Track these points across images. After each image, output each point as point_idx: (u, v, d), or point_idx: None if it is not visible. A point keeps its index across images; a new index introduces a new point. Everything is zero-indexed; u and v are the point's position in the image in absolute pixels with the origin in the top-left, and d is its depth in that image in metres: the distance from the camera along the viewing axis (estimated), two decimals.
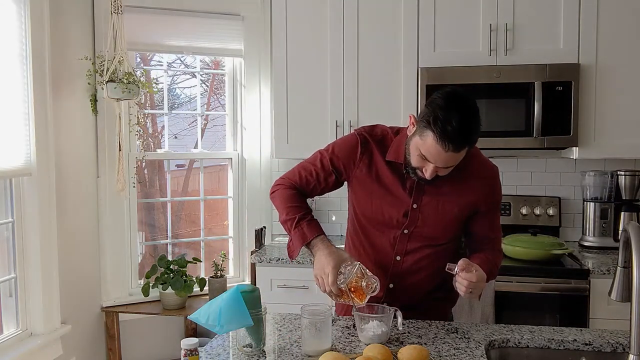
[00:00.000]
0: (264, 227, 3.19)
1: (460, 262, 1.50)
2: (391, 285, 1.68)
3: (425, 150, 1.47)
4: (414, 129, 1.52)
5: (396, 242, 1.66)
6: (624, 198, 2.87)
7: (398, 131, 1.67)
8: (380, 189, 1.65)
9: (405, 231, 1.65)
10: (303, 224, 1.61)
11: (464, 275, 1.47)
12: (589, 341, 1.51)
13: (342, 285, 1.51)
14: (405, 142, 1.58)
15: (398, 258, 1.67)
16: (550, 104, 2.66)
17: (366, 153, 1.65)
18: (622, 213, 2.84)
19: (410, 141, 1.53)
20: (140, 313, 3.07)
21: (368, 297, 1.52)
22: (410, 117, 1.56)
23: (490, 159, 1.75)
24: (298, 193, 1.70)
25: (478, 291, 1.52)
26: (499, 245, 1.76)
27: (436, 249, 1.67)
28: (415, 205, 1.63)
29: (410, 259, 1.66)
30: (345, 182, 1.74)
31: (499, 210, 1.75)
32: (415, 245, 1.65)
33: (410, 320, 1.67)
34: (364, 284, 1.51)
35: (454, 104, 1.43)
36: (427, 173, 1.51)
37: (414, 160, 1.53)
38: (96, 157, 3.01)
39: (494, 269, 1.66)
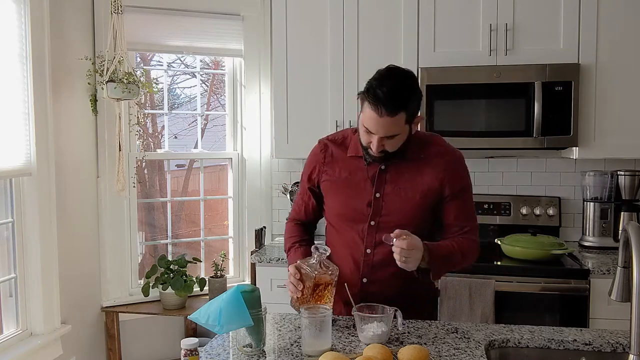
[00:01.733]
0: (264, 227, 3.19)
1: (396, 230, 1.51)
2: (364, 280, 1.70)
3: (366, 122, 1.55)
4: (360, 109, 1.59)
5: (365, 235, 1.68)
6: (624, 198, 2.87)
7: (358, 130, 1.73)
8: (345, 184, 1.72)
9: (372, 222, 1.67)
10: (291, 252, 1.80)
11: (396, 243, 1.49)
12: (589, 341, 1.51)
13: (306, 270, 1.55)
14: (358, 129, 1.65)
15: (368, 251, 1.68)
16: (550, 104, 2.66)
17: (327, 156, 1.75)
18: (622, 213, 2.84)
19: (359, 123, 1.60)
20: (140, 313, 3.07)
21: (334, 280, 1.57)
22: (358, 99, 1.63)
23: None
24: (296, 225, 1.88)
25: (413, 260, 1.50)
26: (471, 235, 1.70)
27: None
28: (378, 195, 1.67)
29: (380, 251, 1.66)
30: None
31: (468, 197, 1.72)
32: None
33: (410, 321, 1.67)
34: (315, 259, 1.55)
35: (386, 74, 1.54)
36: (374, 147, 1.57)
37: (363, 139, 1.61)
38: (96, 157, 3.01)
39: (455, 253, 1.63)
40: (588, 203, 2.91)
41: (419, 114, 1.61)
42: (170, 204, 3.42)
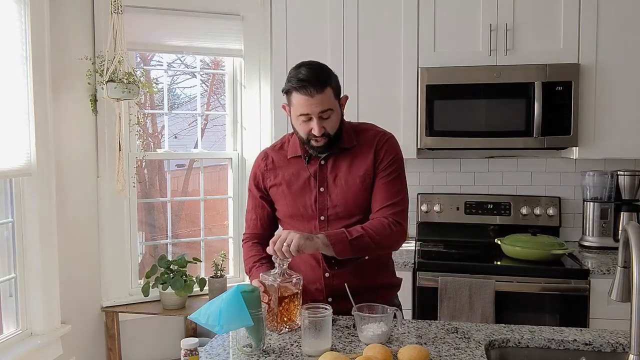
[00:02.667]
0: None
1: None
2: (327, 274, 1.72)
3: (300, 109, 1.62)
4: (289, 110, 1.68)
5: (318, 231, 1.71)
6: (624, 198, 2.87)
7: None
8: (290, 185, 1.76)
9: (322, 217, 1.71)
10: (253, 271, 1.77)
11: (269, 250, 1.54)
12: (589, 341, 1.51)
13: (269, 281, 1.55)
14: (294, 129, 1.72)
15: None
16: (550, 104, 2.66)
17: (268, 164, 1.82)
18: (622, 213, 2.84)
19: (293, 121, 1.69)
20: (140, 313, 3.07)
21: (299, 290, 1.57)
22: (283, 107, 1.73)
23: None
24: (253, 244, 1.85)
25: (294, 240, 1.49)
26: (386, 213, 1.66)
27: None
28: (322, 189, 1.72)
29: None
30: None
31: (392, 175, 1.69)
32: (336, 229, 1.66)
33: (410, 320, 1.67)
34: (277, 269, 1.55)
35: (297, 66, 1.65)
36: (315, 130, 1.62)
37: (302, 131, 1.66)
38: (96, 157, 3.01)
39: (355, 230, 1.60)
40: (588, 203, 2.91)
41: (342, 94, 1.71)
42: (170, 204, 3.42)
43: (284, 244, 1.50)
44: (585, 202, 2.93)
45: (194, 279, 3.13)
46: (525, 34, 2.73)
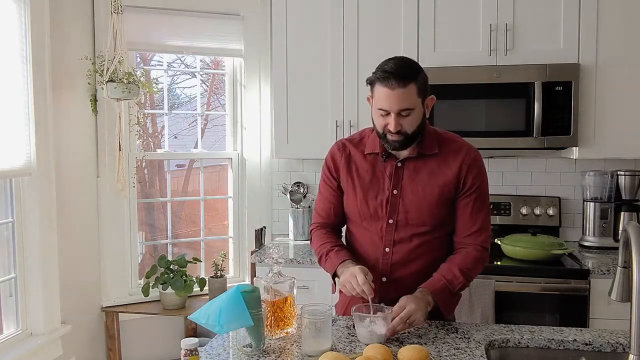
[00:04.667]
0: (264, 227, 3.19)
1: (395, 307, 1.51)
2: (384, 279, 1.68)
3: (379, 103, 1.56)
4: (372, 102, 1.63)
5: (383, 234, 1.67)
6: (624, 198, 2.87)
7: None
8: (362, 182, 1.70)
9: (390, 221, 1.66)
10: (330, 255, 1.70)
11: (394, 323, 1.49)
12: (589, 341, 1.51)
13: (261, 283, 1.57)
14: (372, 122, 1.66)
15: (387, 250, 1.67)
16: (550, 104, 2.66)
17: (344, 156, 1.74)
18: (622, 213, 2.84)
19: (372, 113, 1.63)
20: (140, 313, 3.07)
21: (291, 294, 1.57)
22: (367, 99, 1.67)
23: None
24: (327, 232, 1.79)
25: (419, 317, 1.50)
26: (478, 239, 1.65)
27: (425, 238, 1.66)
28: (395, 192, 1.66)
29: (399, 250, 1.66)
30: None
31: (482, 201, 1.66)
32: (403, 235, 1.66)
33: None
34: (270, 271, 1.56)
35: (389, 58, 1.59)
36: (391, 126, 1.56)
37: (379, 125, 1.60)
38: (96, 157, 3.01)
39: (456, 278, 1.60)
40: (588, 203, 2.91)
41: (429, 96, 1.62)
42: (170, 204, 3.42)
43: (407, 322, 1.48)
44: (585, 202, 2.93)
45: (194, 279, 3.13)
46: (525, 34, 2.73)
